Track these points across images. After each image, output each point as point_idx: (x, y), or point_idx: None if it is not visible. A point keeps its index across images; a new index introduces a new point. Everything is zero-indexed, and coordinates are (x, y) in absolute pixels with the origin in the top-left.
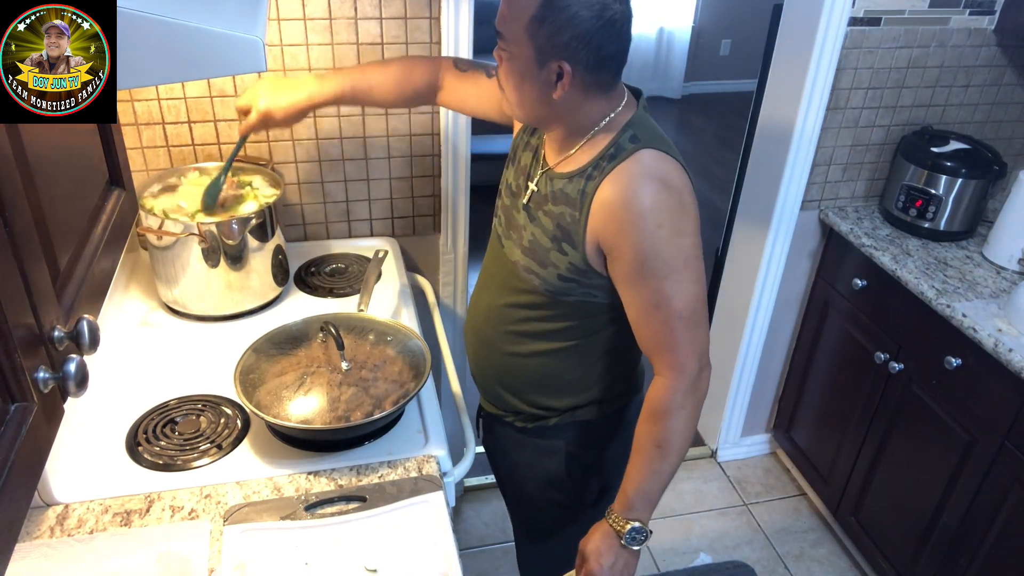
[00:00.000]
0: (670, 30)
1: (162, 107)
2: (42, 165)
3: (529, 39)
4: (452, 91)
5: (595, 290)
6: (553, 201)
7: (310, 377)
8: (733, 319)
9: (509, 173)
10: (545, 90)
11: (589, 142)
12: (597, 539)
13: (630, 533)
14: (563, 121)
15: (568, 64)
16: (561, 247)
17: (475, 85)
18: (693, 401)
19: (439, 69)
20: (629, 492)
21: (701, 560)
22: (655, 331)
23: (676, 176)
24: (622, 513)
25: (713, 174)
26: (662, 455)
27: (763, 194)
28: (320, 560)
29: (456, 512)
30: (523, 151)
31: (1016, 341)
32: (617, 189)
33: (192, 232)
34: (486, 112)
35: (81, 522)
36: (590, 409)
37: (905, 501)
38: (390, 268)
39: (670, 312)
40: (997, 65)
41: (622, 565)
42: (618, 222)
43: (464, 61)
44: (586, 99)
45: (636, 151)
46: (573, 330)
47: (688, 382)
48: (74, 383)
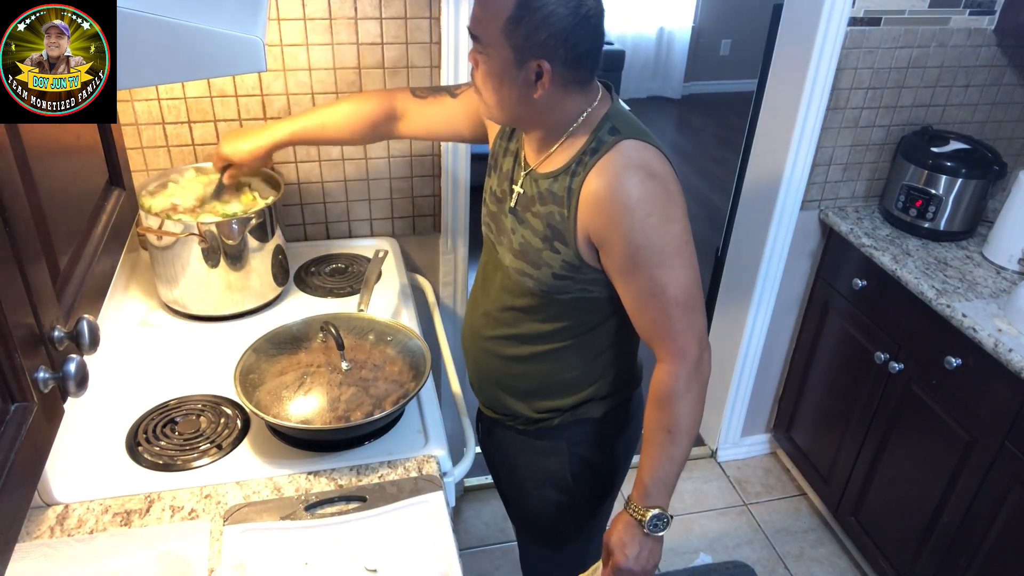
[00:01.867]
0: (670, 30)
1: (162, 107)
2: (42, 165)
3: (506, 40)
4: (415, 119)
5: (590, 285)
6: (540, 201)
7: (310, 377)
8: (733, 319)
9: (492, 180)
10: (525, 90)
11: (569, 139)
12: (620, 530)
13: (652, 520)
14: (543, 120)
15: (547, 62)
16: (553, 246)
17: (440, 107)
18: (698, 384)
19: (394, 100)
20: (645, 480)
21: (701, 560)
22: (653, 319)
23: (658, 164)
24: (641, 502)
25: (713, 174)
26: (673, 440)
27: (763, 194)
28: (320, 560)
29: (456, 512)
30: (503, 157)
31: (1016, 341)
32: (603, 182)
33: (192, 232)
34: (457, 131)
35: (81, 522)
36: (593, 406)
37: (905, 501)
38: (390, 268)
39: (666, 299)
40: (997, 65)
41: (647, 553)
42: (607, 215)
43: (421, 88)
44: (565, 96)
45: (617, 143)
46: (570, 329)
47: (691, 366)
48: (74, 383)
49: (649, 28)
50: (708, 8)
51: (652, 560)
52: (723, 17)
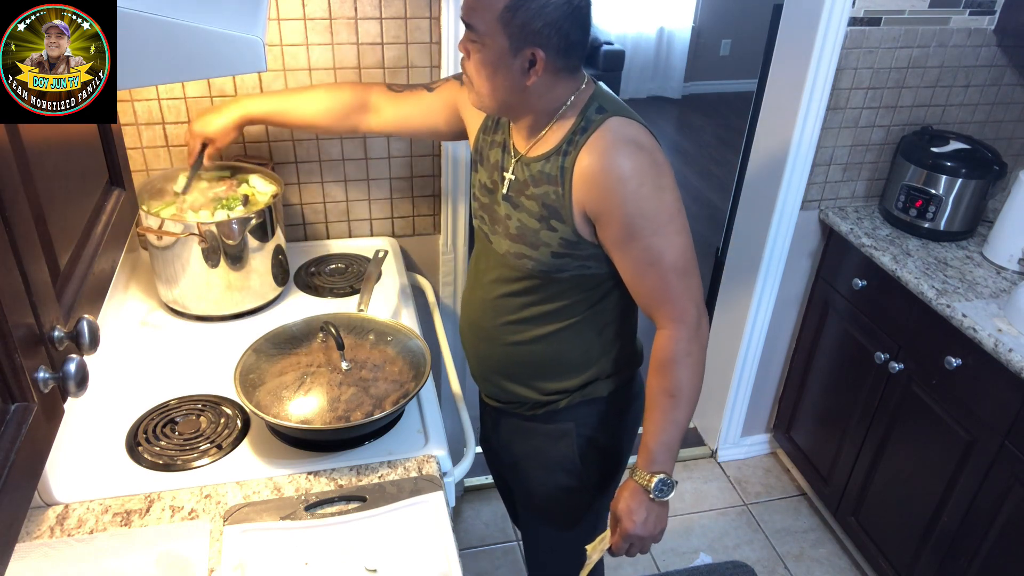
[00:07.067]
0: (670, 30)
1: (162, 107)
2: (42, 165)
3: (503, 28)
4: (389, 112)
5: (588, 261)
6: (534, 184)
7: (310, 377)
8: (733, 319)
9: (481, 174)
10: (518, 78)
11: (557, 122)
12: (627, 497)
13: (657, 486)
14: (533, 107)
15: (541, 51)
16: (550, 224)
17: (417, 101)
18: (697, 347)
19: (370, 92)
20: (650, 445)
21: (701, 560)
22: (652, 287)
23: (645, 137)
24: (646, 468)
25: (713, 174)
26: (675, 404)
27: (763, 194)
28: (320, 560)
29: (456, 512)
30: (489, 149)
31: (1016, 341)
32: (594, 158)
33: (192, 232)
34: (434, 126)
35: (81, 522)
36: (599, 385)
37: (905, 501)
38: (390, 268)
39: (663, 266)
40: (997, 65)
41: (655, 519)
42: (601, 189)
43: (397, 84)
44: (556, 83)
45: (604, 120)
46: (572, 307)
47: (690, 330)
48: (74, 383)
49: (649, 28)
50: (708, 8)
51: (659, 525)
52: (723, 17)
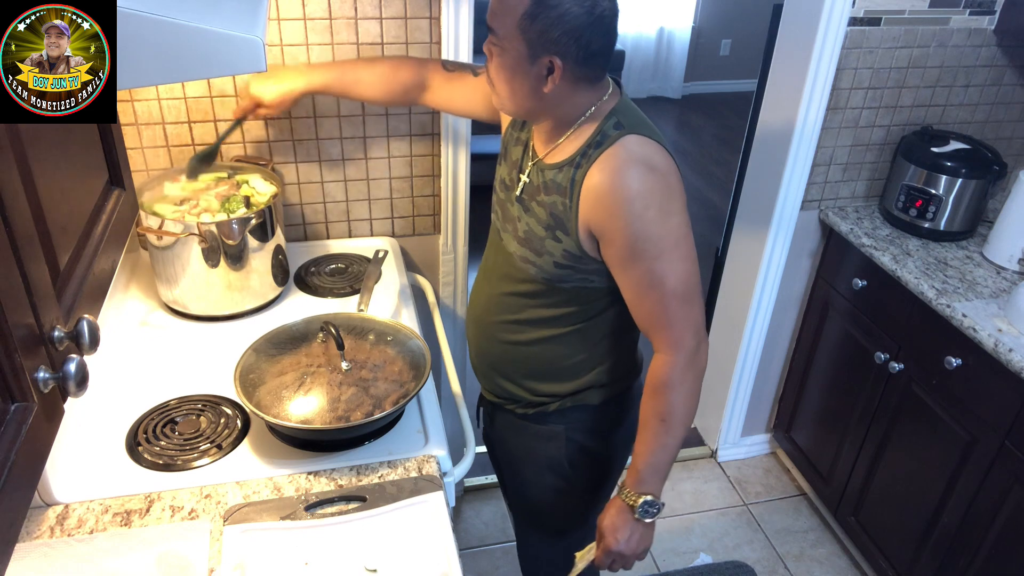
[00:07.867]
0: (670, 30)
1: (162, 107)
2: (42, 165)
3: (521, 34)
4: (439, 91)
5: (591, 275)
6: (545, 191)
7: (310, 377)
8: (733, 319)
9: (503, 169)
10: (536, 84)
11: (576, 131)
12: (612, 514)
13: (643, 506)
14: (552, 113)
15: (559, 59)
16: (555, 235)
17: (463, 84)
18: (693, 375)
19: (427, 69)
20: (639, 466)
21: (701, 560)
22: (651, 310)
23: (660, 159)
24: (634, 488)
25: (713, 174)
26: (667, 429)
27: (763, 194)
28: (320, 560)
29: (456, 512)
30: (513, 146)
31: (1016, 341)
32: (604, 176)
33: (192, 232)
34: (475, 110)
35: (81, 522)
36: (591, 393)
37: (905, 501)
38: (390, 268)
39: (664, 290)
40: (997, 65)
41: (638, 538)
42: (607, 207)
43: (452, 62)
44: (575, 92)
45: (620, 137)
46: (571, 316)
47: (686, 357)
48: (74, 383)
49: (649, 28)
50: (708, 8)
51: (642, 544)
52: (723, 17)
